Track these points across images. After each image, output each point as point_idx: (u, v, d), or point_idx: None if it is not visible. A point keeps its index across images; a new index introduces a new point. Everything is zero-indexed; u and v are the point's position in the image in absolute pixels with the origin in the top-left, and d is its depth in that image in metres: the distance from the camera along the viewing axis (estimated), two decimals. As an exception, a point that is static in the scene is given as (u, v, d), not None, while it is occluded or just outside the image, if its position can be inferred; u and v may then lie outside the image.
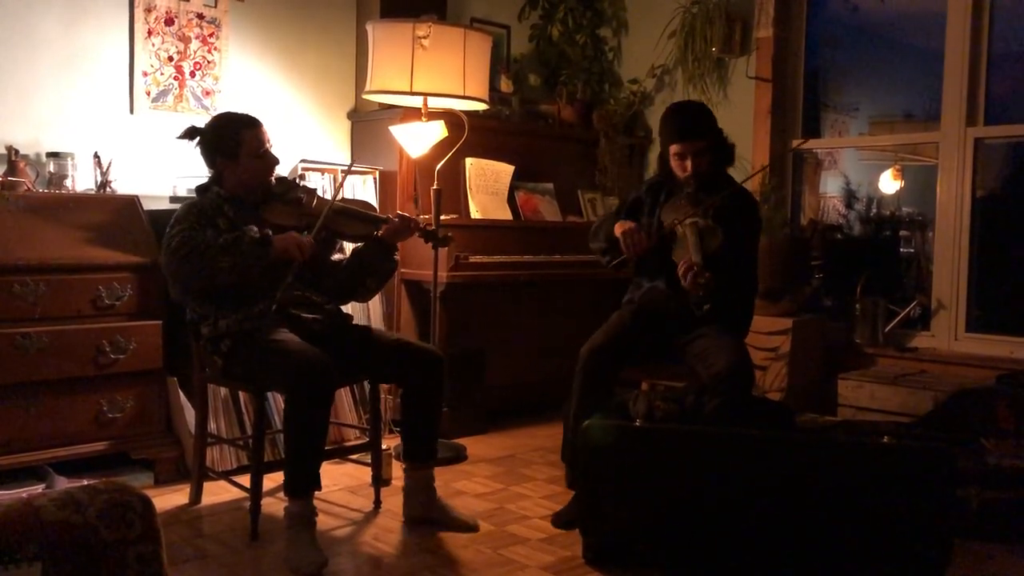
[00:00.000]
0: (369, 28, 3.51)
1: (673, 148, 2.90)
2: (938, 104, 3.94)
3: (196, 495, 2.97)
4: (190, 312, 2.78)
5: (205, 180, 2.83)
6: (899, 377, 3.60)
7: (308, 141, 4.17)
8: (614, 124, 4.66)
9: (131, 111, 3.66)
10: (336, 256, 2.98)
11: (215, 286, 2.61)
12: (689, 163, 2.86)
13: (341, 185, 2.88)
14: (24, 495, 1.19)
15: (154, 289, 3.16)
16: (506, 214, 4.28)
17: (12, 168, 3.19)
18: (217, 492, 3.07)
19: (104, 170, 3.40)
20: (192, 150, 2.81)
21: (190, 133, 2.79)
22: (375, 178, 4.08)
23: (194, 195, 2.84)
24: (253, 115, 2.82)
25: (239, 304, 2.68)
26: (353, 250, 2.97)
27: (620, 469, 2.48)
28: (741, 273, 2.89)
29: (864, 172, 4.79)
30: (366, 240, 2.89)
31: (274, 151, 2.82)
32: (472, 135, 3.70)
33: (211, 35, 3.85)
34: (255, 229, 2.60)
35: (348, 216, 2.82)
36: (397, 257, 2.94)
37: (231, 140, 2.73)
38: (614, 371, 2.84)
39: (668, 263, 2.83)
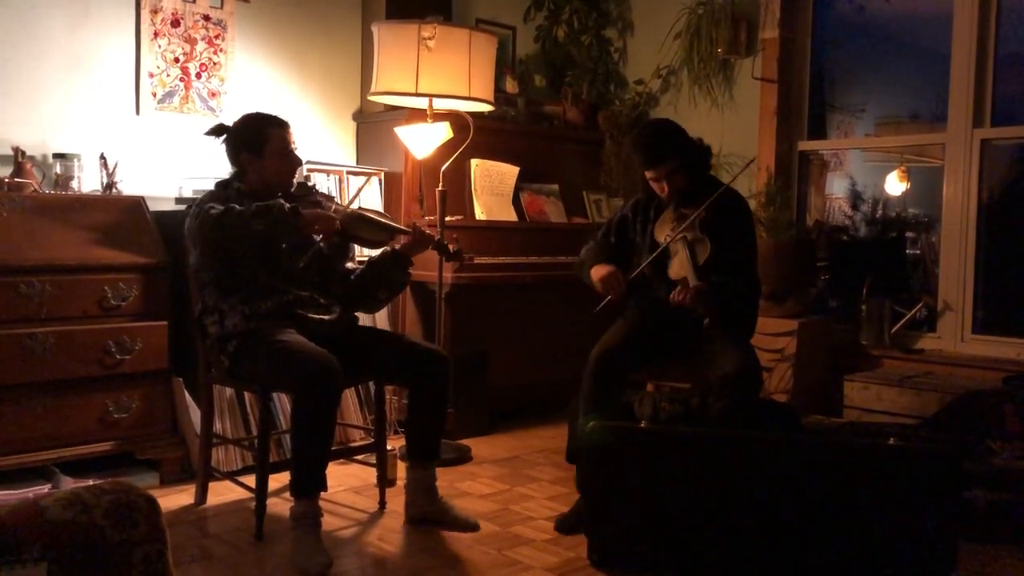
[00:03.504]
0: (374, 29, 3.52)
1: (647, 173, 2.92)
2: (944, 105, 3.92)
3: (201, 495, 2.98)
4: (197, 305, 2.78)
5: (225, 177, 2.84)
6: (905, 379, 3.58)
7: (313, 142, 4.17)
8: (619, 125, 4.66)
9: (137, 112, 3.67)
10: (348, 265, 2.99)
11: (244, 248, 2.59)
12: (665, 184, 2.88)
13: (359, 192, 2.88)
14: (30, 495, 1.20)
15: (160, 290, 3.17)
16: (511, 215, 4.28)
17: (19, 169, 3.20)
18: (222, 492, 3.07)
19: (110, 171, 3.41)
20: (203, 150, 2.83)
21: (218, 130, 2.81)
22: (380, 179, 4.09)
23: (205, 191, 2.85)
24: (281, 116, 2.85)
25: (246, 300, 2.68)
26: (369, 260, 2.99)
27: (625, 471, 2.47)
28: (742, 274, 2.88)
29: (870, 173, 4.78)
30: (381, 247, 2.91)
31: (298, 154, 2.85)
32: (477, 136, 3.70)
33: (217, 36, 3.86)
34: (284, 201, 2.60)
35: (365, 222, 2.82)
36: (411, 272, 2.96)
37: (258, 136, 2.76)
38: (624, 374, 2.85)
39: (667, 278, 2.89)
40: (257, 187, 2.77)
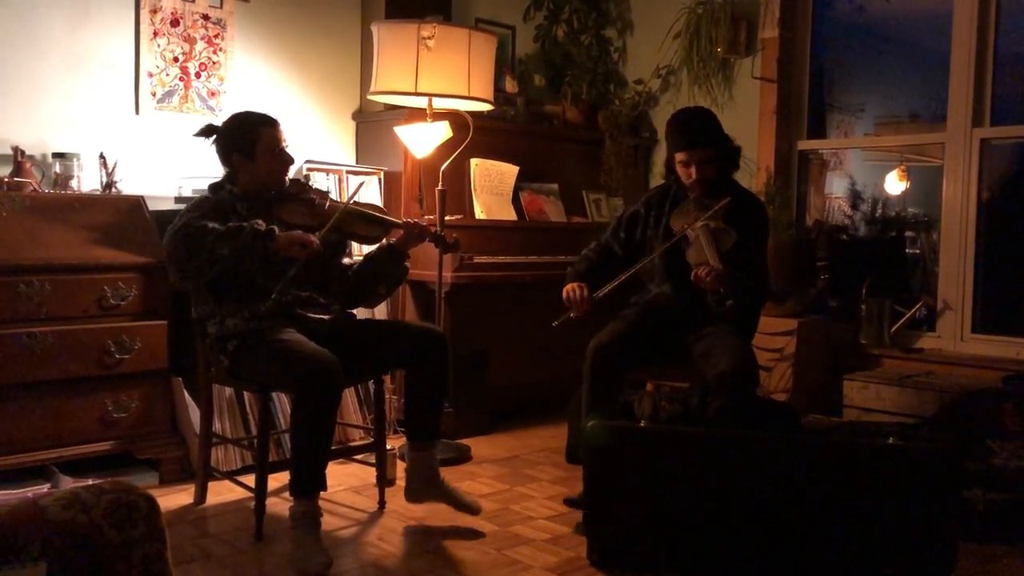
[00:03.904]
0: (374, 29, 3.52)
1: (679, 156, 2.91)
2: (944, 105, 3.92)
3: (201, 495, 2.98)
4: (195, 310, 2.78)
5: (218, 179, 2.84)
6: (905, 378, 3.58)
7: (313, 142, 4.17)
8: (619, 125, 4.66)
9: (136, 112, 3.67)
10: (346, 261, 2.99)
11: (212, 272, 2.58)
12: (694, 170, 2.88)
13: (357, 191, 2.87)
14: (30, 494, 1.20)
15: (159, 289, 3.17)
16: (511, 215, 4.28)
17: (18, 169, 3.20)
18: (222, 492, 3.07)
19: (109, 171, 3.40)
20: (203, 149, 2.82)
21: (207, 131, 2.80)
22: (380, 179, 4.09)
23: (202, 193, 2.85)
24: (270, 115, 2.84)
25: (244, 303, 2.68)
26: (365, 256, 2.99)
27: (625, 470, 2.48)
28: (752, 275, 2.89)
29: (870, 173, 4.78)
30: (378, 243, 2.91)
31: (289, 151, 2.84)
32: (477, 136, 3.70)
33: (216, 36, 3.86)
34: (261, 222, 2.59)
35: (360, 218, 2.82)
36: (408, 264, 2.96)
37: (248, 137, 2.75)
38: (622, 367, 2.85)
39: (675, 269, 2.87)
40: (250, 187, 2.77)
